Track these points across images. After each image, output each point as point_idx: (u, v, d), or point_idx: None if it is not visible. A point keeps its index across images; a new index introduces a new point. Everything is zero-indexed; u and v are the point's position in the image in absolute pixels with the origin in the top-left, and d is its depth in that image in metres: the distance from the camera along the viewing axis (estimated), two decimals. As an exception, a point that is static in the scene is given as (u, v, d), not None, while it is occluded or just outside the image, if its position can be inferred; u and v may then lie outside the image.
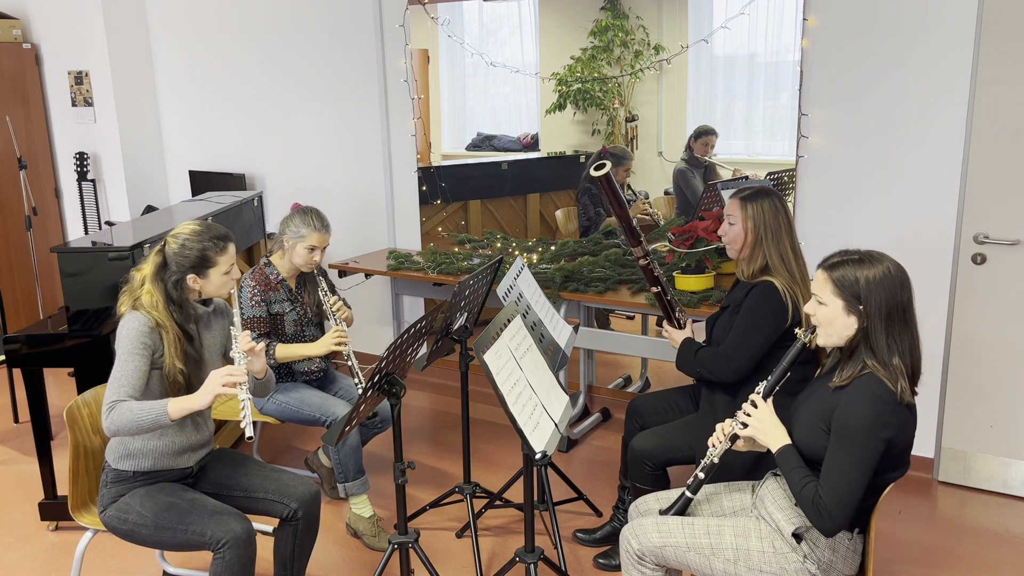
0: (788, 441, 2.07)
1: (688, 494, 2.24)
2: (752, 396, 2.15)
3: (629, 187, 4.13)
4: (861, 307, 1.97)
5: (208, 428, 2.57)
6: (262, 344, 2.45)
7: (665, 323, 2.96)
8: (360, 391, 3.09)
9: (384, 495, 3.55)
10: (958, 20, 3.21)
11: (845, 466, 1.92)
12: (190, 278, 2.41)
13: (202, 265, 2.41)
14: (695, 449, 2.66)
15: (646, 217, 4.09)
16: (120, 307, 2.40)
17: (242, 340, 2.37)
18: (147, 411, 2.21)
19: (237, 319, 2.43)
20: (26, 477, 3.79)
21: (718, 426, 2.21)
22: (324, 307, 3.27)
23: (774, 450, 2.07)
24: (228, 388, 2.21)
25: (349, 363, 3.10)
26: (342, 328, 3.18)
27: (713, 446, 2.20)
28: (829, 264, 2.04)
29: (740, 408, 2.17)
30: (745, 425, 2.12)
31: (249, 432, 2.17)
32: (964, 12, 3.19)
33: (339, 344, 3.14)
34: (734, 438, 2.16)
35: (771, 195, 2.68)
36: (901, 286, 1.97)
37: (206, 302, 2.53)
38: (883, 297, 1.95)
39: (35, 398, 3.39)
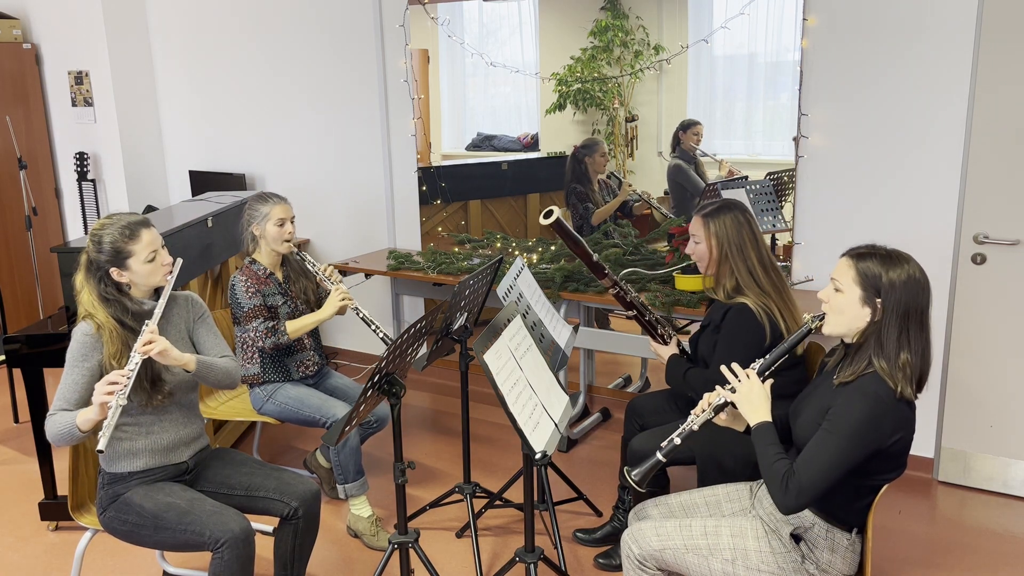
0: (768, 418, 2.05)
1: (659, 456, 2.12)
2: (743, 369, 2.12)
3: (612, 175, 4.13)
4: (879, 301, 1.96)
5: (196, 422, 2.56)
6: (158, 346, 2.27)
7: (651, 340, 2.96)
8: (381, 338, 3.09)
9: (384, 495, 3.55)
10: (958, 20, 3.21)
11: (827, 452, 1.91)
12: (113, 272, 2.37)
13: (118, 256, 2.37)
14: (694, 449, 2.66)
15: (636, 200, 4.09)
16: (78, 317, 2.40)
17: (144, 335, 2.28)
18: (63, 425, 2.23)
19: (158, 310, 2.36)
20: (26, 477, 3.79)
21: (705, 395, 2.18)
22: (317, 277, 3.29)
23: (753, 423, 2.05)
24: (107, 397, 2.15)
25: (360, 315, 3.13)
26: (342, 287, 3.19)
27: (696, 415, 2.15)
28: (856, 253, 2.03)
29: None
30: (734, 390, 2.09)
31: (100, 445, 2.10)
32: (964, 12, 3.19)
33: (344, 301, 3.16)
34: (719, 408, 2.12)
35: (734, 209, 2.68)
36: (922, 290, 1.97)
37: (158, 294, 2.47)
38: (903, 297, 1.94)
39: (35, 398, 3.38)
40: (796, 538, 2.08)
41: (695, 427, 2.13)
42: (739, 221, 2.66)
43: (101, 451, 2.13)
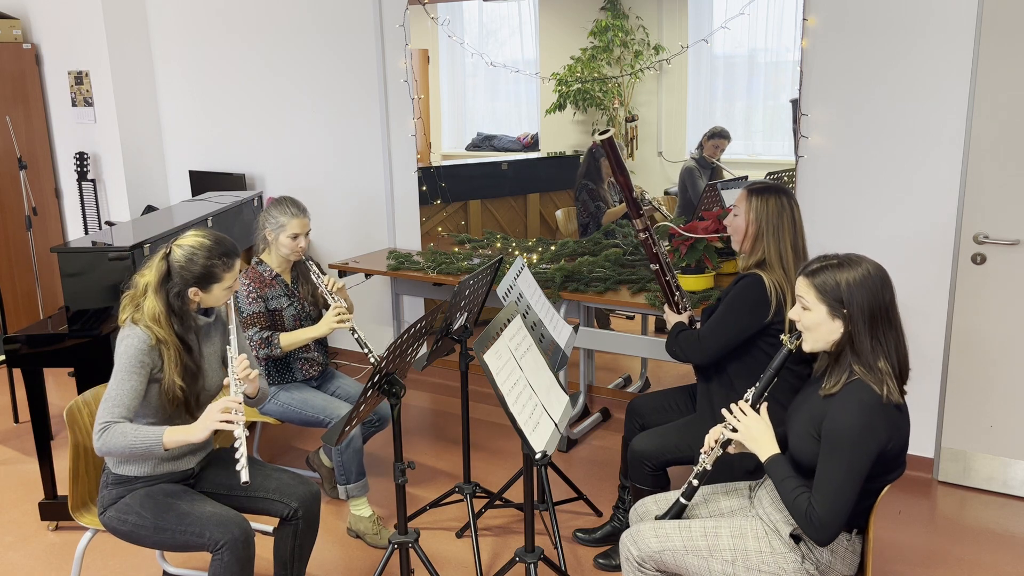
0: (776, 450, 2.06)
1: (683, 500, 2.24)
2: (740, 403, 2.15)
3: (643, 194, 4.12)
4: (845, 311, 1.97)
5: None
6: (256, 372, 2.42)
7: (665, 306, 2.96)
8: (372, 359, 3.08)
9: (384, 495, 3.55)
10: (958, 20, 3.21)
11: (836, 476, 1.91)
12: (192, 291, 2.37)
13: (207, 280, 2.37)
14: (695, 449, 2.66)
15: (647, 205, 4.08)
16: (122, 313, 2.37)
17: (239, 364, 2.34)
18: (142, 439, 2.20)
19: (234, 339, 2.40)
20: (26, 477, 3.79)
21: (710, 431, 2.22)
22: (320, 289, 3.26)
23: (762, 459, 2.07)
24: (225, 424, 2.19)
25: (355, 336, 3.09)
26: (340, 304, 3.17)
27: (705, 453, 2.20)
28: (810, 270, 2.04)
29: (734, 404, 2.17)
30: (735, 429, 2.12)
31: (245, 477, 2.12)
32: (964, 12, 3.19)
33: (340, 321, 3.13)
34: (726, 444, 2.16)
35: (781, 193, 2.66)
36: (883, 286, 1.98)
37: (207, 312, 2.50)
38: (865, 299, 1.95)
39: (35, 398, 3.39)
40: (796, 538, 2.08)
41: (708, 466, 2.20)
42: (782, 205, 2.64)
43: (247, 483, 2.13)
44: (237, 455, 2.16)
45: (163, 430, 2.22)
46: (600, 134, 2.79)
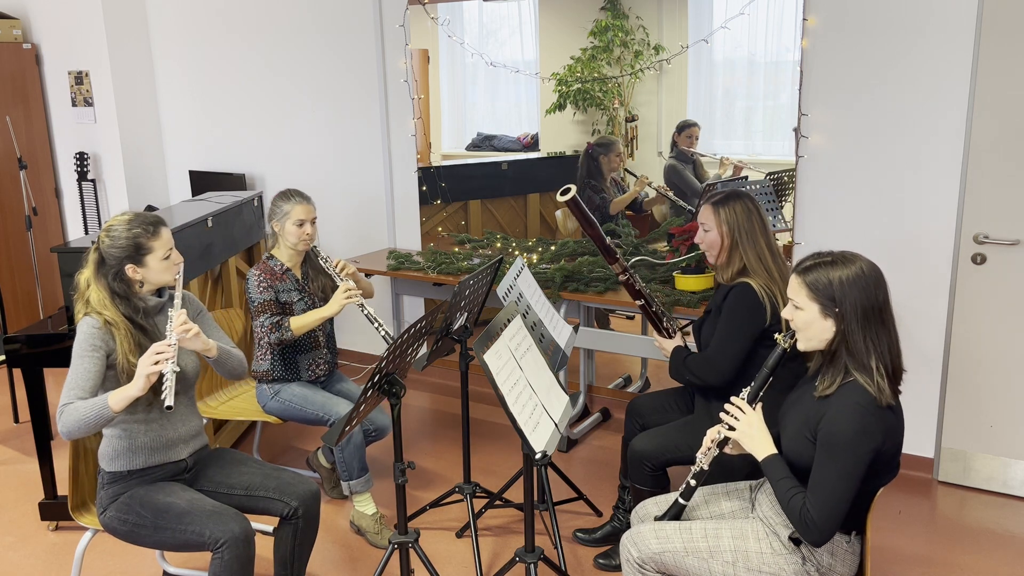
0: (773, 450, 2.06)
1: (681, 501, 2.24)
2: (736, 400, 2.14)
3: (627, 170, 4.12)
4: (837, 309, 1.96)
5: (195, 419, 2.57)
6: (196, 328, 2.36)
7: (655, 334, 2.97)
8: (383, 336, 3.06)
9: (384, 495, 3.55)
10: (958, 20, 3.21)
11: (832, 480, 1.91)
12: (128, 268, 2.39)
13: (137, 253, 2.39)
14: (695, 449, 2.66)
15: (652, 191, 4.08)
16: (77, 316, 2.39)
17: (176, 319, 2.34)
18: (90, 407, 2.21)
19: (177, 300, 2.40)
20: (26, 477, 3.79)
21: (708, 432, 2.21)
22: (328, 270, 3.25)
23: (760, 459, 2.06)
24: (156, 367, 2.19)
25: (364, 312, 3.08)
26: (348, 283, 3.16)
27: (703, 454, 2.19)
28: (802, 268, 2.02)
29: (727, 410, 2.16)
30: (733, 428, 2.11)
31: (169, 402, 2.16)
32: (964, 12, 3.19)
33: (349, 298, 3.12)
34: (723, 444, 2.16)
35: (742, 197, 2.69)
36: (876, 285, 1.96)
37: (160, 293, 2.52)
38: (858, 297, 1.94)
39: (35, 398, 3.39)
40: (796, 541, 2.08)
41: (705, 466, 2.19)
42: (749, 208, 2.66)
43: (171, 407, 2.17)
44: (164, 388, 2.18)
45: (108, 394, 2.23)
46: (561, 194, 2.77)
